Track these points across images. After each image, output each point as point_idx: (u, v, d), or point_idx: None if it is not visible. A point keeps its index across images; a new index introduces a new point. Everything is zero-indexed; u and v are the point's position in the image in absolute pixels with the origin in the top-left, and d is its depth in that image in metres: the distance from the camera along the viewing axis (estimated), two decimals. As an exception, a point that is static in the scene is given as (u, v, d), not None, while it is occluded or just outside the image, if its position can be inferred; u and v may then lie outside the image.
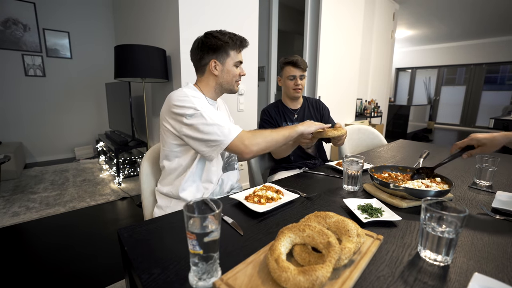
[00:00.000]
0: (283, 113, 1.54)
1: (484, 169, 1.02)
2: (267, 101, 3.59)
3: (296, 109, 1.56)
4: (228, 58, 1.02)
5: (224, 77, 1.04)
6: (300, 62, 1.44)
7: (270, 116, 1.52)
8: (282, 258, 0.47)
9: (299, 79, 1.46)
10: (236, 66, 1.05)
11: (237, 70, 1.05)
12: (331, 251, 0.47)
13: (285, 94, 1.56)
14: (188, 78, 2.10)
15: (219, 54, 1.00)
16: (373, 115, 4.56)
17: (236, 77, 1.06)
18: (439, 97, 8.79)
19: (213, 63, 1.01)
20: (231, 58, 1.02)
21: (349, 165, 0.94)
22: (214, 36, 0.99)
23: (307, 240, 0.52)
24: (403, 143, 1.89)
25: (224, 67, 1.03)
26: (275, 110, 1.55)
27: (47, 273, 1.48)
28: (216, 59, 1.01)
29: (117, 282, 1.41)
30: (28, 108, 3.53)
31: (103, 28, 3.99)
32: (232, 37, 1.01)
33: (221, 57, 1.01)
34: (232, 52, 1.02)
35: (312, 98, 1.66)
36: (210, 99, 1.07)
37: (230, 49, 1.01)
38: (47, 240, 1.81)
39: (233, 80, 1.06)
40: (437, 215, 0.53)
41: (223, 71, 1.03)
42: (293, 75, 1.45)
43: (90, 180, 2.95)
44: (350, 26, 3.57)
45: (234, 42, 1.01)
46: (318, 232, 0.52)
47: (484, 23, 6.05)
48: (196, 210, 0.49)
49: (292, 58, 1.45)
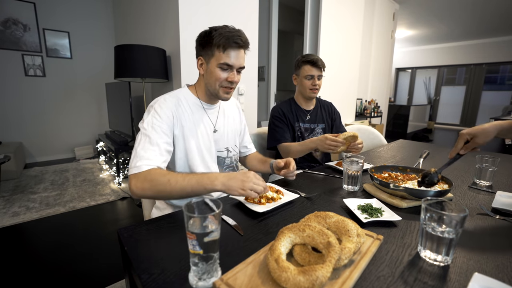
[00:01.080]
0: (296, 112, 1.50)
1: (484, 169, 1.02)
2: (267, 101, 3.58)
3: (309, 110, 1.53)
4: (212, 57, 0.90)
5: (207, 78, 0.94)
6: (319, 61, 1.40)
7: (282, 113, 1.47)
8: (282, 258, 0.47)
9: (317, 79, 1.41)
10: (222, 68, 0.90)
11: (221, 74, 0.90)
12: (331, 251, 0.47)
13: (299, 93, 1.51)
14: (188, 78, 2.10)
15: (205, 51, 0.91)
16: (373, 115, 4.56)
17: (219, 81, 0.91)
18: (439, 97, 8.79)
19: (199, 60, 0.94)
20: (215, 58, 0.89)
21: (349, 165, 0.94)
22: (206, 30, 0.90)
23: (307, 240, 0.52)
24: (403, 143, 1.89)
25: (208, 67, 0.92)
26: (287, 108, 1.50)
27: (47, 273, 1.48)
28: (203, 56, 0.93)
29: (117, 282, 1.41)
30: (28, 108, 3.53)
31: (103, 28, 3.99)
32: (221, 33, 0.87)
33: (206, 55, 0.91)
34: (216, 51, 0.88)
35: (325, 100, 1.62)
36: (205, 103, 1.00)
37: (214, 47, 0.88)
38: (47, 240, 1.81)
39: (215, 84, 0.92)
40: (437, 215, 0.53)
41: (207, 71, 0.93)
42: (311, 74, 1.41)
43: (90, 180, 2.95)
44: (350, 26, 3.57)
45: (219, 39, 0.86)
46: (318, 232, 0.51)
47: (484, 23, 6.05)
48: (196, 210, 0.49)
49: (312, 57, 1.40)
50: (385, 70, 5.03)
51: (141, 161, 0.79)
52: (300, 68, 1.44)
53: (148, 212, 1.08)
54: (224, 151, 1.07)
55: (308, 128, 1.51)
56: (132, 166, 0.80)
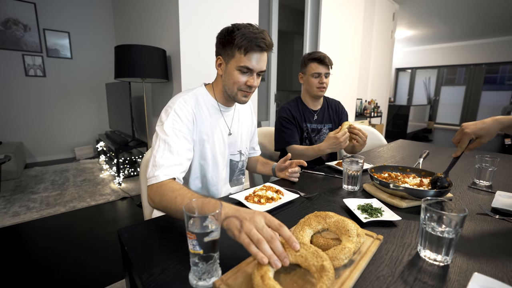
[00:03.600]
0: (303, 112, 1.46)
1: (484, 169, 1.02)
2: (267, 101, 3.58)
3: (316, 110, 1.49)
4: (232, 58, 0.85)
5: (225, 80, 0.89)
6: (326, 58, 1.35)
7: (291, 114, 1.42)
8: (269, 276, 0.43)
9: (324, 77, 1.37)
10: (241, 71, 0.85)
11: (241, 77, 0.86)
12: (324, 276, 0.43)
13: (306, 92, 1.46)
14: (188, 79, 2.10)
15: (225, 51, 0.85)
16: (373, 115, 4.56)
17: (238, 84, 0.86)
18: (439, 97, 8.80)
19: (218, 60, 0.89)
20: (235, 60, 0.84)
21: (349, 165, 0.94)
22: (228, 27, 0.84)
23: (298, 259, 0.47)
24: (403, 143, 1.89)
25: (227, 68, 0.87)
26: (295, 108, 1.45)
27: (47, 272, 1.48)
28: (222, 56, 0.88)
29: (117, 282, 1.41)
30: (28, 108, 3.53)
31: (103, 28, 3.99)
32: (244, 33, 0.81)
33: (226, 55, 0.86)
34: (237, 53, 0.83)
35: (332, 99, 1.59)
36: (222, 105, 0.95)
37: (235, 48, 0.83)
38: (47, 240, 1.81)
39: (234, 87, 0.88)
40: (436, 215, 0.53)
41: (225, 72, 0.88)
42: (318, 72, 1.36)
43: (90, 180, 2.95)
44: (350, 26, 3.57)
45: (241, 40, 0.81)
46: (312, 253, 0.47)
47: (483, 23, 6.05)
48: (196, 210, 0.49)
49: (318, 54, 1.35)
50: (385, 70, 5.03)
51: (159, 170, 0.74)
52: (306, 66, 1.40)
53: (148, 212, 1.08)
54: (237, 154, 1.04)
55: (315, 129, 1.48)
56: (150, 175, 0.74)
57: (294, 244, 0.47)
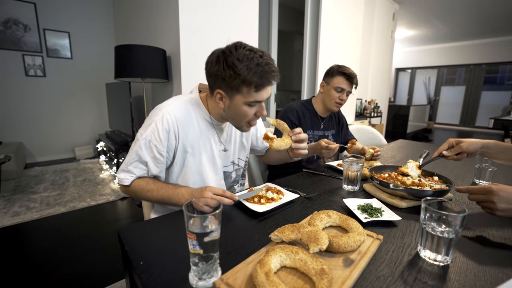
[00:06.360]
0: (312, 119, 1.45)
1: (484, 169, 1.02)
2: (267, 101, 3.58)
3: (324, 117, 1.49)
4: (237, 94, 0.75)
5: (230, 114, 0.81)
6: (355, 78, 1.34)
7: (298, 117, 1.40)
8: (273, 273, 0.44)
9: (346, 94, 1.36)
10: (250, 105, 0.77)
11: (250, 110, 0.78)
12: (324, 278, 0.44)
13: (321, 101, 1.44)
14: (188, 79, 2.10)
15: (227, 85, 0.74)
16: (373, 115, 4.56)
17: (247, 117, 0.79)
18: (439, 97, 8.80)
19: (218, 94, 0.78)
20: (243, 96, 0.75)
21: (349, 165, 0.94)
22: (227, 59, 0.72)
23: (298, 264, 0.49)
24: (403, 143, 1.89)
25: (231, 103, 0.78)
26: (304, 112, 1.43)
27: (47, 272, 1.48)
28: (223, 90, 0.76)
29: (117, 282, 1.42)
30: (28, 108, 3.53)
31: (103, 28, 3.99)
32: (251, 68, 0.71)
33: (229, 91, 0.75)
34: (245, 88, 0.73)
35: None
36: (215, 120, 0.89)
37: (242, 84, 0.73)
38: (48, 240, 1.81)
39: (242, 121, 0.81)
40: (436, 215, 0.53)
41: (230, 107, 0.79)
42: (342, 87, 1.34)
43: (91, 180, 2.95)
44: (350, 26, 3.57)
45: (251, 75, 0.71)
46: (312, 257, 0.48)
47: (483, 23, 6.05)
48: (196, 210, 0.49)
49: (349, 71, 1.34)
50: (385, 70, 5.03)
51: (125, 175, 0.84)
52: (333, 77, 1.37)
53: (148, 212, 1.08)
54: (230, 165, 1.01)
55: (321, 136, 1.48)
56: (119, 177, 0.84)
57: (231, 195, 0.74)
